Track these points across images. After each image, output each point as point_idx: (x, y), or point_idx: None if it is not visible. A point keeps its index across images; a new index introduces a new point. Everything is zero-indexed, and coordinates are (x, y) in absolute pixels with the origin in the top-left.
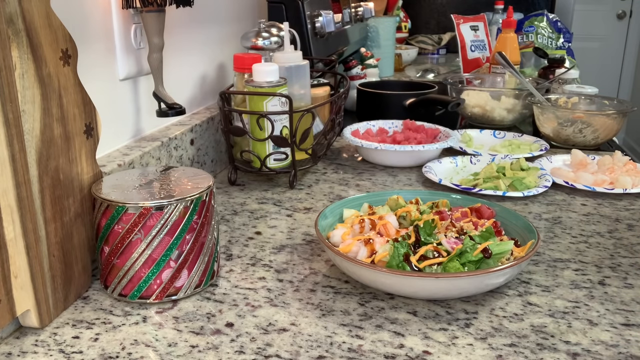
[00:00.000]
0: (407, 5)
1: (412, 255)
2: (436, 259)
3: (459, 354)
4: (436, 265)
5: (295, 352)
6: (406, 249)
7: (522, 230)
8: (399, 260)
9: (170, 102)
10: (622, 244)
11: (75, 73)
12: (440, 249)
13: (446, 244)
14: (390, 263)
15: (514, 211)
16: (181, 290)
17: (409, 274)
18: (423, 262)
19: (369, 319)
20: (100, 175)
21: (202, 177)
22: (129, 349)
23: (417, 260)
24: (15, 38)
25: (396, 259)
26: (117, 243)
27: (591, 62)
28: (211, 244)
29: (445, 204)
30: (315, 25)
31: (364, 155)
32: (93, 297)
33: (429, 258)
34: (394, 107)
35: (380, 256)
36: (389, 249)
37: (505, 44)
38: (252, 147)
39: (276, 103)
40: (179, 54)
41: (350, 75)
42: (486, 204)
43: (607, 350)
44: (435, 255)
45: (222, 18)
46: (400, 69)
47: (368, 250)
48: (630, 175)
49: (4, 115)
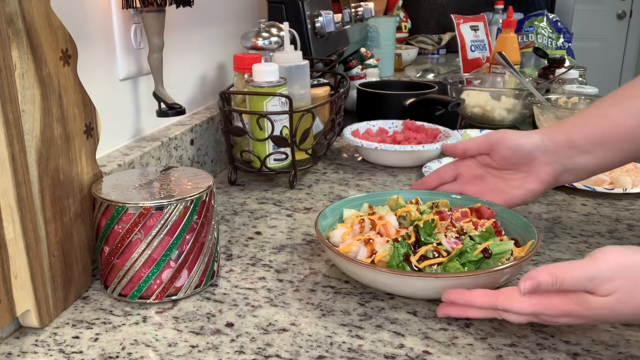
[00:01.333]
0: (407, 5)
1: (412, 255)
2: (436, 259)
3: (459, 354)
4: (436, 265)
5: (295, 352)
6: (406, 249)
7: (522, 230)
8: (399, 260)
9: (170, 102)
10: (622, 244)
11: (75, 73)
12: (440, 249)
13: (446, 244)
14: (390, 263)
15: (513, 211)
16: (181, 290)
17: (409, 274)
18: (423, 262)
19: (369, 319)
20: (100, 175)
21: (202, 177)
22: (129, 349)
23: (417, 260)
24: (15, 38)
25: (396, 259)
26: (117, 243)
27: (591, 62)
28: (211, 244)
29: (445, 204)
30: (315, 25)
31: (364, 155)
32: (93, 297)
33: (429, 258)
34: (394, 107)
35: (380, 256)
36: (389, 249)
37: (505, 44)
38: (252, 147)
39: (276, 103)
40: (179, 54)
41: (350, 75)
42: (486, 204)
43: (607, 350)
44: (435, 255)
45: (222, 18)
46: (400, 69)
47: (368, 250)
48: (630, 175)
49: (4, 115)
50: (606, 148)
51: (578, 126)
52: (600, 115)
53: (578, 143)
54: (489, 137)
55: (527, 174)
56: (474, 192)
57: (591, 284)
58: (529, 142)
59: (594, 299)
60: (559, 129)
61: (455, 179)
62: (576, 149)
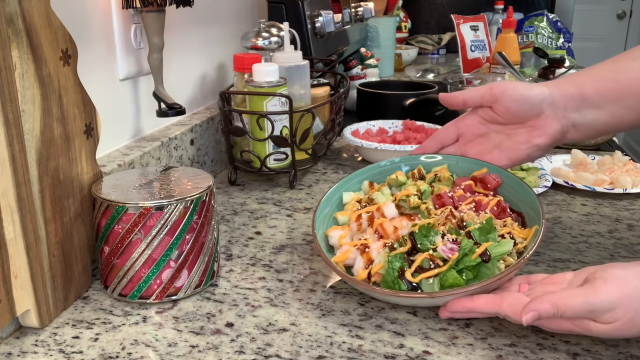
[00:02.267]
0: (407, 5)
1: (408, 269)
2: (432, 270)
3: (459, 354)
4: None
5: (295, 352)
6: (400, 263)
7: (528, 206)
8: (393, 277)
9: (170, 102)
10: (622, 244)
11: (75, 73)
12: (436, 258)
13: (442, 252)
14: (385, 279)
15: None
16: (181, 290)
17: (403, 294)
18: (419, 276)
19: (369, 319)
20: (100, 175)
21: (202, 177)
22: (129, 349)
23: (413, 273)
24: (15, 38)
25: (391, 274)
26: (117, 243)
27: (591, 62)
28: (211, 244)
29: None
30: (315, 25)
31: (364, 155)
32: (93, 297)
33: (426, 269)
34: (394, 107)
35: (376, 268)
36: (384, 262)
37: (505, 44)
38: (252, 147)
39: (276, 103)
40: (179, 54)
41: (350, 75)
42: (492, 169)
43: (607, 350)
44: (432, 265)
45: (222, 18)
46: (400, 69)
47: (365, 260)
48: (630, 175)
49: (4, 115)
50: (619, 104)
51: (591, 79)
52: (618, 69)
53: (589, 96)
54: (491, 87)
55: (533, 128)
56: (477, 151)
57: (592, 315)
58: (536, 94)
59: (595, 326)
60: (570, 80)
61: (457, 140)
62: (586, 102)
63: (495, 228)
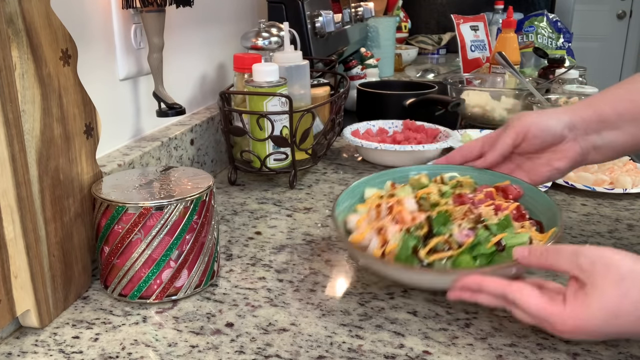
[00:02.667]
0: (407, 5)
1: (422, 248)
2: (446, 252)
3: (459, 354)
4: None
5: (295, 352)
6: (415, 242)
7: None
8: (407, 254)
9: (170, 102)
10: (622, 244)
11: (75, 73)
12: (451, 242)
13: (457, 236)
14: (399, 256)
15: (541, 192)
16: (181, 290)
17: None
18: (432, 256)
19: (369, 319)
20: (100, 175)
21: (202, 177)
22: (129, 349)
23: (427, 253)
24: (15, 38)
25: (404, 252)
26: (117, 243)
27: (591, 62)
28: (211, 244)
29: (470, 183)
30: (315, 25)
31: (364, 155)
32: (93, 297)
33: (440, 251)
34: (394, 107)
35: (390, 247)
36: (399, 242)
37: (505, 44)
38: (252, 147)
39: (276, 103)
40: (179, 54)
41: (350, 75)
42: (514, 181)
43: (607, 350)
44: (447, 248)
45: (222, 18)
46: (400, 69)
47: (380, 241)
48: (630, 175)
49: (4, 115)
50: (635, 123)
51: (609, 100)
52: (634, 90)
53: (608, 117)
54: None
55: (554, 152)
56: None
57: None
58: (558, 123)
59: None
60: (588, 104)
61: (480, 157)
62: (605, 124)
63: (513, 224)
